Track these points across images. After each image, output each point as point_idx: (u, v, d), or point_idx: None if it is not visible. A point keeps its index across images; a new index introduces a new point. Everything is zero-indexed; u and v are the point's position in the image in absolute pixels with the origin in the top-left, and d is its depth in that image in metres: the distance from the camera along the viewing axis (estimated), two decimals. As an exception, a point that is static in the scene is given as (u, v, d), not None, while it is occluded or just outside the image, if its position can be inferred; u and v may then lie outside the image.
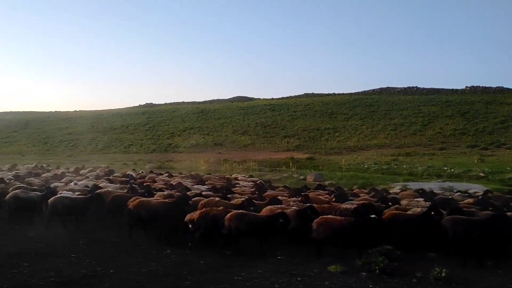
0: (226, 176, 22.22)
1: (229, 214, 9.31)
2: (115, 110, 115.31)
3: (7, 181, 16.48)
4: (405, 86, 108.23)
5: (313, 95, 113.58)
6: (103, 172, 23.27)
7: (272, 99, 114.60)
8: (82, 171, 24.27)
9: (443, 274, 7.30)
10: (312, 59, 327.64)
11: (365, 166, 35.05)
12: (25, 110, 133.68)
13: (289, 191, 15.58)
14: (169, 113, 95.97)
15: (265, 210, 10.32)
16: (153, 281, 7.36)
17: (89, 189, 14.09)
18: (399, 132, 62.37)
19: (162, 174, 22.79)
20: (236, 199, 11.96)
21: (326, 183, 23.35)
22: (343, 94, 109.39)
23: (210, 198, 11.82)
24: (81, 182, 17.17)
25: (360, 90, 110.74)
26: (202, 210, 9.99)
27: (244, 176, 22.90)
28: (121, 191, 14.03)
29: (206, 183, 18.58)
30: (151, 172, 24.97)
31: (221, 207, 10.13)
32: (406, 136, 58.66)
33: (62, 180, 17.83)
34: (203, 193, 13.50)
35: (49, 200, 11.55)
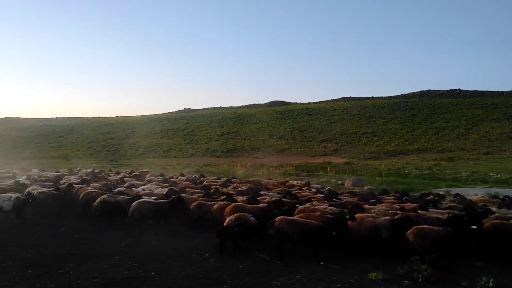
0: (290, 183, 21.36)
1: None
2: (154, 116, 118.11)
3: (75, 186, 16.78)
4: (447, 89, 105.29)
5: (350, 98, 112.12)
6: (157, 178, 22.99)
7: (309, 103, 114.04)
8: (148, 177, 23.67)
9: (491, 284, 6.95)
10: (349, 63, 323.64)
11: (406, 171, 34.19)
12: (70, 116, 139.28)
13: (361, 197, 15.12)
14: (207, 118, 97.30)
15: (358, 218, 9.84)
16: (194, 284, 7.44)
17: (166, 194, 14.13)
18: (441, 136, 60.52)
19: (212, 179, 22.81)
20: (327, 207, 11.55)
21: (365, 188, 22.92)
22: (382, 97, 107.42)
23: (306, 205, 11.57)
24: (146, 186, 17.12)
25: (399, 93, 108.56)
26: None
27: (298, 182, 22.09)
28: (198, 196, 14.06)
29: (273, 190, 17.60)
30: (201, 176, 25.00)
31: (317, 213, 9.98)
32: (449, 140, 56.83)
33: (124, 185, 17.94)
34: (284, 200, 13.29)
35: (133, 204, 11.73)
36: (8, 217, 12.95)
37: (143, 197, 13.21)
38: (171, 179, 21.45)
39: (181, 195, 13.06)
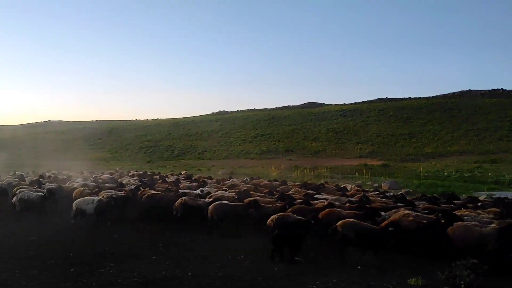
0: (342, 186, 20.82)
1: None
2: (190, 118, 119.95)
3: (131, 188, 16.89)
4: (489, 89, 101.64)
5: (387, 99, 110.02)
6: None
7: (344, 104, 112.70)
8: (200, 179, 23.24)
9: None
10: (385, 62, 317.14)
11: (445, 173, 33.18)
12: (109, 119, 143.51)
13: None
14: (241, 120, 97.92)
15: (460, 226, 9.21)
16: (229, 286, 7.49)
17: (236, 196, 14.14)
18: (482, 137, 58.40)
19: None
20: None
21: (402, 191, 22.38)
22: (419, 98, 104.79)
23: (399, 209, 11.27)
24: (205, 188, 16.88)
25: (438, 94, 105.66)
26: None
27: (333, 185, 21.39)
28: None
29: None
30: (252, 178, 24.40)
31: (411, 218, 9.80)
32: (491, 142, 54.77)
33: (180, 186, 18.01)
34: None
35: (211, 207, 11.79)
36: (91, 220, 12.95)
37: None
38: (224, 182, 21.16)
39: (256, 198, 12.90)
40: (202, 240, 11.16)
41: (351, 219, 9.43)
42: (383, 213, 10.97)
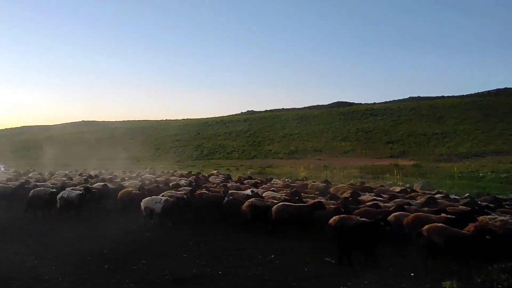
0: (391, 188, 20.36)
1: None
2: (218, 118, 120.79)
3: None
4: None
5: (418, 98, 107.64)
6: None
7: (374, 103, 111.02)
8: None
9: None
10: (417, 60, 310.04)
11: (480, 174, 32.09)
12: (140, 119, 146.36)
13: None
14: (269, 120, 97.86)
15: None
16: (259, 285, 7.49)
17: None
18: (520, 137, 56.20)
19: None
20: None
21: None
22: (453, 96, 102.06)
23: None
24: (256, 190, 16.20)
25: (473, 92, 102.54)
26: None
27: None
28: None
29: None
30: (297, 180, 23.85)
31: (498, 223, 9.35)
32: (529, 141, 52.64)
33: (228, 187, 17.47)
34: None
35: (274, 208, 11.57)
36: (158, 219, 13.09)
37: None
38: (274, 184, 20.29)
39: (321, 200, 12.64)
40: (231, 239, 11.22)
41: (440, 224, 8.89)
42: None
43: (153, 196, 13.36)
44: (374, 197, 14.51)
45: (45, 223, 13.37)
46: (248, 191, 15.38)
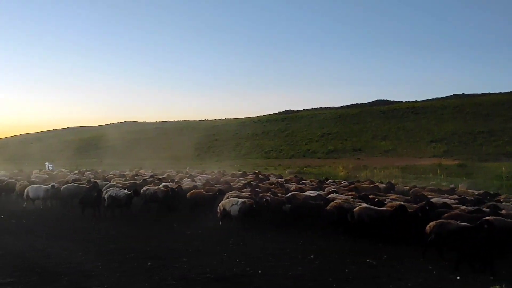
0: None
1: None
2: (256, 118, 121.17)
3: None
4: None
5: (463, 95, 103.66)
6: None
7: (416, 101, 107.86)
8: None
9: None
10: (460, 56, 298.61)
11: (531, 174, 30.48)
12: (179, 120, 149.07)
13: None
14: (307, 119, 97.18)
15: None
16: (299, 285, 7.46)
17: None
18: None
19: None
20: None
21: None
22: (500, 93, 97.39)
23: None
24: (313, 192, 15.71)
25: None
26: None
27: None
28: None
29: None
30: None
31: None
32: None
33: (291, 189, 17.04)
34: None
35: (356, 210, 11.06)
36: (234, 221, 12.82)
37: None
38: (327, 186, 19.19)
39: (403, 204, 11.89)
40: (271, 238, 11.23)
41: None
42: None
43: (230, 199, 13.02)
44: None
45: (91, 221, 13.89)
46: (312, 193, 14.86)
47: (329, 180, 22.45)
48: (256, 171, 30.42)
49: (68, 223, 13.52)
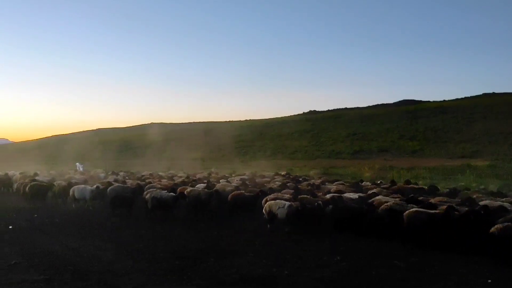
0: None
1: None
2: (281, 118, 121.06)
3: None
4: None
5: (494, 94, 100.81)
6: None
7: (444, 101, 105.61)
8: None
9: None
10: (489, 55, 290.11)
11: None
12: (205, 121, 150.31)
13: None
14: (332, 119, 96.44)
15: None
16: (326, 287, 7.46)
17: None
18: None
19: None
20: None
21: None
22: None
23: None
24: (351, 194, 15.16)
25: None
26: None
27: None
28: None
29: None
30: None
31: None
32: None
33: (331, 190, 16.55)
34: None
35: (406, 214, 10.74)
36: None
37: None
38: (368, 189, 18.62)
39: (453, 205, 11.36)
40: (297, 240, 11.23)
41: None
42: None
43: (277, 201, 12.64)
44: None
45: (122, 220, 14.22)
46: (356, 195, 14.49)
47: (364, 182, 21.81)
48: (282, 172, 30.39)
49: (99, 222, 13.87)
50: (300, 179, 23.94)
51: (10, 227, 13.02)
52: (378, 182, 21.92)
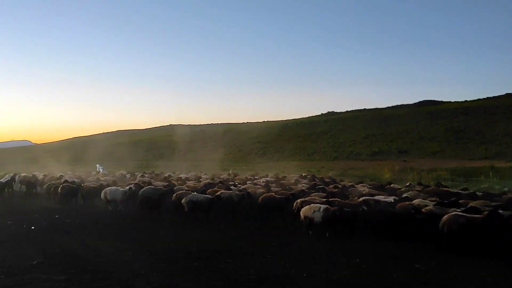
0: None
1: None
2: (299, 120, 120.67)
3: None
4: None
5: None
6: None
7: (465, 101, 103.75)
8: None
9: None
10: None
11: None
12: (223, 122, 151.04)
13: None
14: (351, 120, 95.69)
15: None
16: (345, 290, 7.38)
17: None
18: None
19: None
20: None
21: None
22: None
23: None
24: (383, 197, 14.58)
25: None
26: None
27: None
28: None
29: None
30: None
31: None
32: None
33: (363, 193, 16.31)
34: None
35: (445, 217, 10.30)
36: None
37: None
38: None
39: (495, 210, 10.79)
40: (315, 241, 11.16)
41: None
42: None
43: (311, 205, 12.15)
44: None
45: (140, 221, 14.37)
46: (389, 198, 13.97)
47: (392, 184, 20.80)
48: (303, 174, 30.14)
49: (118, 223, 14.04)
50: (327, 180, 23.52)
51: (33, 227, 13.28)
52: (407, 184, 21.14)
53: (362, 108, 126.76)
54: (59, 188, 18.94)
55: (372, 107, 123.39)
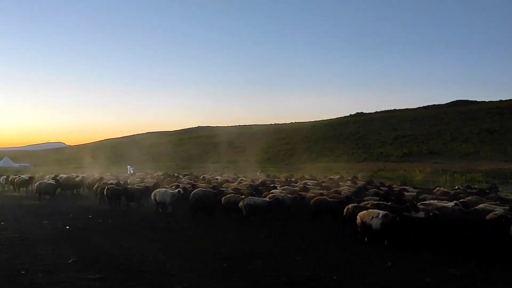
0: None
1: None
2: (327, 121, 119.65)
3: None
4: None
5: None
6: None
7: (501, 101, 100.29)
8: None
9: None
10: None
11: None
12: (250, 124, 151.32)
13: None
14: (380, 121, 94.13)
15: None
16: (376, 293, 7.26)
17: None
18: None
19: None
20: None
21: None
22: None
23: None
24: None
25: None
26: None
27: None
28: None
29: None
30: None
31: None
32: None
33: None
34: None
35: None
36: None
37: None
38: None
39: None
40: (346, 244, 11.03)
41: None
42: None
43: (369, 210, 11.48)
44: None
45: (171, 221, 14.60)
46: (452, 203, 13.20)
47: (437, 188, 19.76)
48: (337, 175, 29.79)
49: (149, 224, 14.30)
50: (376, 184, 22.47)
51: (67, 227, 13.68)
52: (456, 188, 20.23)
53: (392, 108, 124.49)
54: (105, 189, 19.11)
55: (403, 108, 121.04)
